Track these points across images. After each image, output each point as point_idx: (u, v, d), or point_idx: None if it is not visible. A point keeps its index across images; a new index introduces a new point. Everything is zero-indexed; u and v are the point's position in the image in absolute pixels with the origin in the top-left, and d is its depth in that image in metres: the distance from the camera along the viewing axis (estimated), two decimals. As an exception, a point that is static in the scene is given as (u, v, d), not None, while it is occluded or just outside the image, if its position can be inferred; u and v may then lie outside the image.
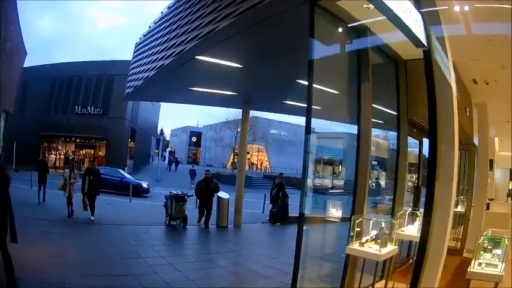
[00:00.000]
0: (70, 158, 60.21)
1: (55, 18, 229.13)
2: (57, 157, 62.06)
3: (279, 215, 25.62)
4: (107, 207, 25.97)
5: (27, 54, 34.47)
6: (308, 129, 8.62)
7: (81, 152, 62.94)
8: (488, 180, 16.83)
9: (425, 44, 8.13)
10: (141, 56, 23.17)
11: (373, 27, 9.64)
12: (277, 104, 24.77)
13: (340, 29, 9.46)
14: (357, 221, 9.29)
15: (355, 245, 9.21)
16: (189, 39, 14.32)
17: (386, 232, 9.40)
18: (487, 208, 16.26)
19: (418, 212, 11.53)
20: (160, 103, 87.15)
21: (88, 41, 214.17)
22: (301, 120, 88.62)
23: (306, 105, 19.92)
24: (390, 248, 9.33)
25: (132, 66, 25.60)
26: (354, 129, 10.78)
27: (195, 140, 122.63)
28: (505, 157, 19.45)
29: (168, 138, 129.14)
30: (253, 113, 74.31)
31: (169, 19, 18.40)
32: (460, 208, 14.58)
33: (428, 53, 8.27)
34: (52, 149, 62.56)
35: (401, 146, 11.76)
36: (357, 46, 9.63)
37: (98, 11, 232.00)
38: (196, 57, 14.69)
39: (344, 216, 9.84)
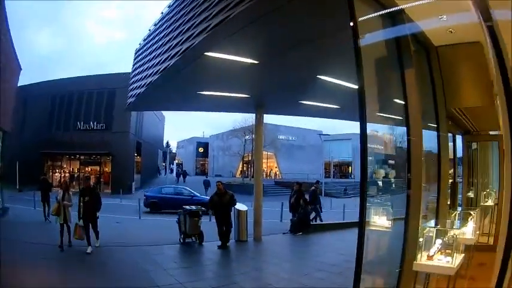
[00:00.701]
0: (75, 175, 59.23)
1: (52, 34, 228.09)
2: (62, 175, 60.06)
3: (300, 224, 24.03)
4: (116, 226, 24.79)
5: (22, 69, 32.89)
6: (364, 130, 6.83)
7: (87, 169, 61.02)
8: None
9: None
10: (142, 61, 21.54)
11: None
12: (293, 105, 23.01)
13: (377, 13, 7.78)
14: (424, 232, 8.14)
15: (423, 259, 7.87)
16: (196, 33, 12.60)
17: (455, 239, 8.04)
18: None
19: (472, 212, 10.40)
20: (165, 115, 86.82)
21: (86, 56, 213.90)
22: (309, 124, 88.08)
23: (323, 105, 19.09)
24: (460, 258, 8.01)
25: (133, 74, 23.93)
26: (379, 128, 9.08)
27: (202, 150, 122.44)
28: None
29: (174, 151, 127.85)
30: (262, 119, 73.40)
31: (172, 17, 16.87)
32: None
33: (492, 29, 6.72)
34: (56, 167, 61.15)
35: (441, 141, 10.40)
36: (396, 33, 8.12)
37: (95, 25, 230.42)
38: (206, 53, 12.87)
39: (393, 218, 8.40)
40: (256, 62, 13.54)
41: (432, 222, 9.22)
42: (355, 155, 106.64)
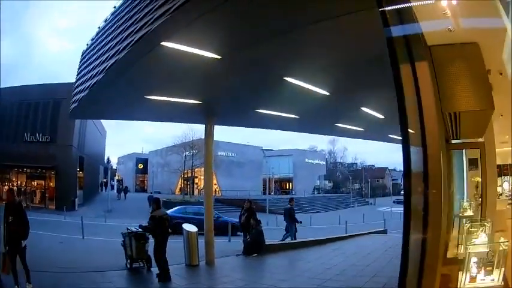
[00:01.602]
0: (22, 189, 55.55)
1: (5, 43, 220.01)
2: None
3: (254, 245, 21.68)
4: (59, 247, 22.98)
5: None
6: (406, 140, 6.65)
7: (33, 183, 57.74)
8: None
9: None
10: (89, 61, 18.76)
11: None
12: (247, 114, 21.06)
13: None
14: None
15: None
16: (154, 18, 10.21)
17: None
18: None
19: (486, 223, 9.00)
20: (106, 130, 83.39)
21: (39, 66, 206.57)
22: (250, 139, 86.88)
23: (282, 114, 16.85)
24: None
25: (77, 78, 20.85)
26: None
27: (141, 166, 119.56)
28: None
29: (114, 167, 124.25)
30: (200, 136, 72.12)
31: (126, 8, 14.23)
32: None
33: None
34: (4, 180, 56.73)
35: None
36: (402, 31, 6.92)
37: (47, 34, 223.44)
38: (163, 43, 10.54)
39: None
40: (218, 57, 11.32)
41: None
42: (295, 170, 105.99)
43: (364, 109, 19.21)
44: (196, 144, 72.54)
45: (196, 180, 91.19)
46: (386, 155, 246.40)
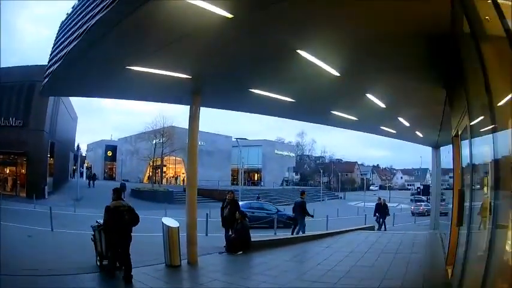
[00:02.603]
0: None
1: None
2: None
3: (239, 242, 18.96)
4: (27, 241, 20.77)
5: None
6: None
7: (5, 170, 54.85)
8: None
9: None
10: (66, 29, 16.04)
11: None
12: (239, 94, 18.11)
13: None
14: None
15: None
16: None
17: None
18: None
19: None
20: (77, 115, 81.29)
21: (16, 52, 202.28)
22: (220, 129, 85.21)
23: (278, 96, 15.94)
24: None
25: (52, 51, 17.84)
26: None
27: (110, 154, 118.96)
28: None
29: (84, 154, 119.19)
30: (171, 123, 69.90)
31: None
32: None
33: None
34: None
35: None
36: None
37: (24, 20, 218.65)
38: None
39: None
40: (229, 15, 8.80)
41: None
42: (265, 161, 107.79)
43: (369, 96, 17.03)
44: (167, 131, 72.99)
45: (164, 169, 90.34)
46: (354, 149, 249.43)
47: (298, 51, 11.07)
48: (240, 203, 34.35)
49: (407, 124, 23.70)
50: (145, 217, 16.54)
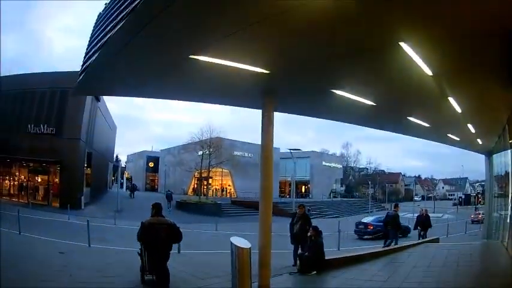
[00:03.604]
0: (24, 184, 52.90)
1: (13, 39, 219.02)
2: (11, 183, 53.76)
3: (312, 261, 17.15)
4: (59, 259, 18.00)
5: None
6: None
7: (36, 178, 54.00)
8: None
9: None
10: (106, 18, 13.46)
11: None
12: (320, 95, 16.18)
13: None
14: None
15: None
16: None
17: None
18: None
19: None
20: (117, 125, 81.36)
21: (45, 62, 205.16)
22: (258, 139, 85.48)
23: (358, 99, 14.19)
24: None
25: (89, 45, 15.88)
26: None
27: (152, 165, 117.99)
28: None
29: (123, 165, 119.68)
30: (218, 134, 69.08)
31: None
32: None
33: None
34: (6, 173, 53.80)
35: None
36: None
37: (54, 32, 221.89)
38: None
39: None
40: None
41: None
42: (312, 173, 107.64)
43: (450, 99, 15.96)
44: (214, 142, 71.31)
45: (209, 181, 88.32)
46: (395, 159, 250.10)
47: (401, 43, 9.95)
48: (370, 218, 33.11)
49: (473, 131, 22.83)
50: (198, 231, 14.73)
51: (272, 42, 10.39)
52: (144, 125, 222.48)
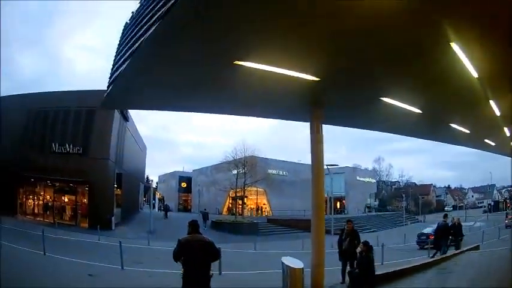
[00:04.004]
0: (50, 204, 51.83)
1: (34, 57, 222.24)
2: (36, 203, 52.86)
3: (363, 277, 16.39)
4: (88, 282, 17.42)
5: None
6: None
7: (63, 198, 53.18)
8: None
9: None
10: (135, 24, 13.10)
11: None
12: (369, 104, 16.10)
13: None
14: None
15: None
16: None
17: None
18: None
19: None
20: (147, 146, 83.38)
21: (66, 81, 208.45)
22: (302, 158, 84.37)
23: (406, 107, 16.12)
24: None
25: (116, 56, 15.47)
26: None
27: (185, 185, 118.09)
28: None
29: (154, 185, 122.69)
30: (253, 152, 68.57)
31: None
32: None
33: None
34: (30, 192, 53.22)
35: None
36: None
37: (76, 51, 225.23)
38: None
39: None
40: None
41: None
42: (347, 188, 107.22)
43: (492, 102, 16.13)
44: (248, 161, 70.42)
45: (244, 200, 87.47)
46: (424, 171, 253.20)
47: (452, 43, 9.85)
48: (429, 229, 35.24)
49: (508, 134, 22.73)
50: (237, 251, 13.67)
51: (321, 46, 10.12)
52: (172, 146, 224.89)
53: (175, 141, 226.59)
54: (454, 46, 9.84)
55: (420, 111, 16.41)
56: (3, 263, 15.94)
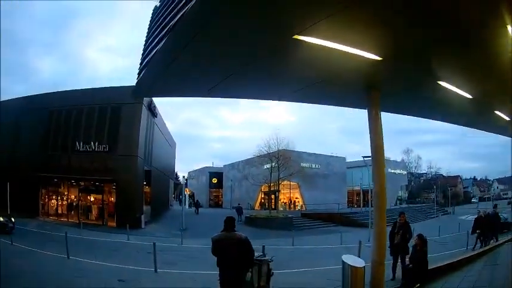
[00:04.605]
0: (74, 204, 51.76)
1: (54, 59, 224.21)
2: (59, 203, 52.59)
3: (416, 272, 16.01)
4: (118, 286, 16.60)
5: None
6: None
7: (89, 197, 52.93)
8: None
9: None
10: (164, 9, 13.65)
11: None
12: (426, 88, 15.66)
13: None
14: None
15: None
16: None
17: None
18: None
19: None
20: (176, 141, 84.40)
21: (88, 82, 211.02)
22: (335, 150, 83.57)
23: (460, 92, 15.63)
24: None
25: (147, 40, 16.24)
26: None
27: (215, 181, 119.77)
28: None
29: (184, 181, 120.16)
30: (286, 146, 68.36)
31: None
32: None
33: None
34: (53, 193, 52.95)
35: None
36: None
37: (97, 52, 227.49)
38: None
39: None
40: None
41: None
42: None
43: None
44: (282, 154, 69.33)
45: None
46: (451, 163, 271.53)
47: (509, 26, 9.68)
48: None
49: None
50: (274, 247, 13.05)
51: (388, 22, 9.80)
52: (201, 142, 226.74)
53: (204, 136, 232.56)
54: (510, 29, 9.72)
55: (470, 96, 16.05)
56: (20, 270, 15.99)
